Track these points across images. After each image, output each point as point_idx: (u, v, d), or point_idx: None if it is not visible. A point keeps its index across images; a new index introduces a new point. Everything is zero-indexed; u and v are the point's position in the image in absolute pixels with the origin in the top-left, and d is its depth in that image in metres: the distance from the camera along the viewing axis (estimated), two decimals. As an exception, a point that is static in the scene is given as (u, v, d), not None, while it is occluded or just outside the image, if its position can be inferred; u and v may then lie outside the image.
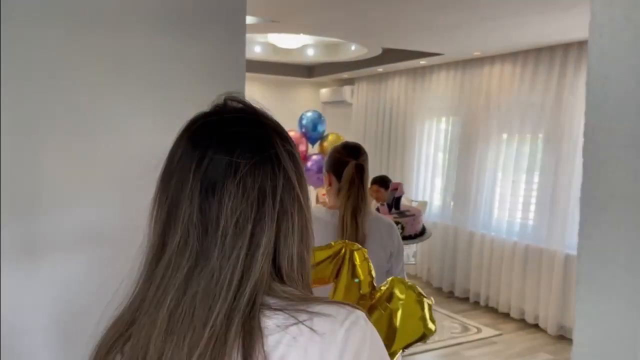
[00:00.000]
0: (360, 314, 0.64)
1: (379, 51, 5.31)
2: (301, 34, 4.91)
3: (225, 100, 0.70)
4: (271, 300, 0.63)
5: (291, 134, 5.32)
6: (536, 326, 4.74)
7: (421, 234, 4.40)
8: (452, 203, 5.80)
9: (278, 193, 0.64)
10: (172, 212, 0.64)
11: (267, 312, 0.62)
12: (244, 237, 0.62)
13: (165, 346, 0.60)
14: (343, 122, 7.39)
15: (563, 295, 4.50)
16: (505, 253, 5.06)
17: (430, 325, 1.25)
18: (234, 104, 0.70)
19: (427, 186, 6.23)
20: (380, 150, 6.75)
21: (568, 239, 4.50)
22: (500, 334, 4.61)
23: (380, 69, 6.42)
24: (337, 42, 5.77)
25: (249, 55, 5.96)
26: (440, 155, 6.09)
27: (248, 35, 5.65)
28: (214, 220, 0.62)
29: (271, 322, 0.61)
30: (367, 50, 5.24)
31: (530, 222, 4.85)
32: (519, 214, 4.99)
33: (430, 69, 6.02)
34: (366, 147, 2.00)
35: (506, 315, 5.01)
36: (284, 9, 3.67)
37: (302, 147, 5.16)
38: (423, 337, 1.24)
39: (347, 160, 1.86)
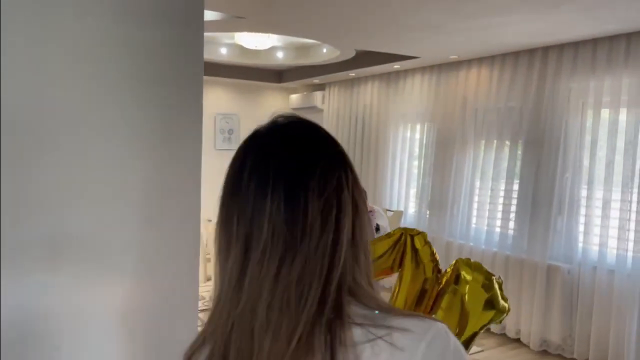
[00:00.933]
0: (442, 327, 0.64)
1: (352, 53, 5.06)
2: (270, 34, 4.63)
3: (275, 117, 0.72)
4: (354, 308, 0.64)
5: (260, 140, 5.01)
6: (518, 341, 4.54)
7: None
8: (427, 212, 5.58)
9: (350, 186, 0.68)
10: (255, 216, 0.65)
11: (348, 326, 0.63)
12: (330, 223, 0.65)
13: (264, 343, 0.62)
14: (314, 128, 7.10)
15: (545, 308, 4.31)
16: (485, 264, 4.78)
17: (502, 305, 1.20)
18: (284, 118, 0.72)
19: (401, 195, 6.01)
20: (353, 158, 6.50)
21: (550, 250, 4.32)
22: (482, 351, 4.38)
23: (352, 74, 6.19)
24: (308, 44, 5.51)
25: (214, 57, 5.64)
26: (415, 162, 5.88)
27: (213, 36, 5.35)
28: (301, 211, 0.64)
29: (352, 333, 0.62)
30: (340, 52, 4.99)
31: (511, 232, 4.66)
32: (498, 223, 4.79)
33: (404, 73, 5.82)
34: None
35: (486, 330, 4.78)
36: (249, 3, 3.38)
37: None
38: (495, 318, 1.18)
39: None
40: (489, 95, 4.89)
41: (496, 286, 1.18)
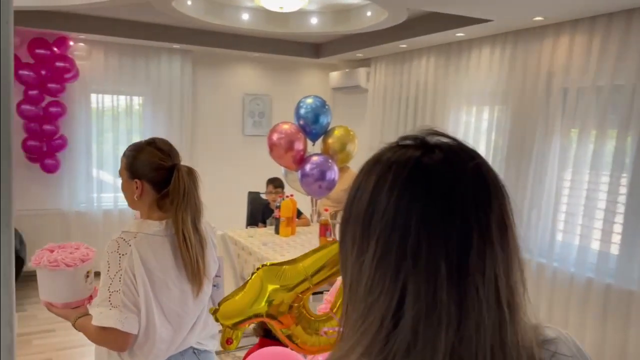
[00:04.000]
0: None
1: (403, 17, 3.96)
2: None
3: (434, 137, 0.67)
4: None
5: (285, 127, 4.02)
6: (621, 398, 3.41)
7: None
8: (496, 218, 4.46)
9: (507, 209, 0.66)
10: (463, 270, 0.59)
11: None
12: (498, 251, 0.61)
13: None
14: (356, 112, 6.07)
15: (665, 360, 3.16)
16: (574, 293, 3.71)
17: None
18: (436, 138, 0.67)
19: (462, 195, 4.90)
20: (403, 147, 5.42)
21: (674, 281, 3.15)
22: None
23: (403, 45, 5.08)
24: (348, 6, 4.44)
25: (235, 24, 4.65)
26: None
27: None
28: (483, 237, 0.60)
29: None
30: (388, 15, 3.90)
31: (614, 252, 3.49)
32: (595, 240, 3.63)
33: (469, 43, 4.66)
34: (386, 144, 0.78)
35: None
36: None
37: (298, 146, 3.86)
38: None
39: (170, 165, 1.62)
40: (585, 70, 3.70)
41: None
